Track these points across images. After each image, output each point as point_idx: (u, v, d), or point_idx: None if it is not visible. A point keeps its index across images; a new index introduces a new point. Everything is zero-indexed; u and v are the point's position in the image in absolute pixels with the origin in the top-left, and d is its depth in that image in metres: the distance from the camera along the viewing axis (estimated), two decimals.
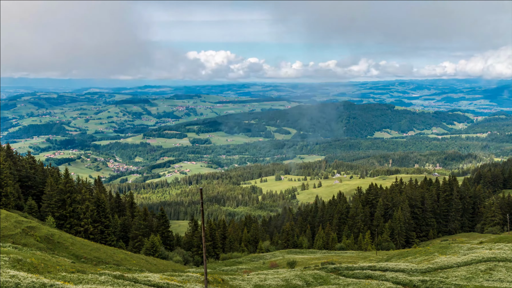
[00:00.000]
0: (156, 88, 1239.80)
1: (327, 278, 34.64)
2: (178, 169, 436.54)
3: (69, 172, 70.49)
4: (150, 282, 25.49)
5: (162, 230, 78.86)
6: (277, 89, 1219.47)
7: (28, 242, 37.34)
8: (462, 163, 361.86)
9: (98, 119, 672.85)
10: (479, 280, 30.80)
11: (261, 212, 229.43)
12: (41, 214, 63.64)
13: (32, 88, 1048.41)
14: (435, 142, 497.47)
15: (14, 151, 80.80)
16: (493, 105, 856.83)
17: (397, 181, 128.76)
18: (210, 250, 79.78)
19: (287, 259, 63.66)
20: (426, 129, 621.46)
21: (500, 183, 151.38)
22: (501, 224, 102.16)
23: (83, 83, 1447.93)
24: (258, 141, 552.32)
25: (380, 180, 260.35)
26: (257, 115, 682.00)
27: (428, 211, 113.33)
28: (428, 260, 40.63)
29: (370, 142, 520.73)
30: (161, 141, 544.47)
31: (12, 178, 64.70)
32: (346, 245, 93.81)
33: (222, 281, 32.06)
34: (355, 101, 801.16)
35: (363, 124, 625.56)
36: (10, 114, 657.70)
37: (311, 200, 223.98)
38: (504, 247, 41.83)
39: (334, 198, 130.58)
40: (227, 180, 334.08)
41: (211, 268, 57.60)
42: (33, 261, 24.03)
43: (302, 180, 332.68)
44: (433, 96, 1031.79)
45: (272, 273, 38.50)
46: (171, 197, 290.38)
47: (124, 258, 46.04)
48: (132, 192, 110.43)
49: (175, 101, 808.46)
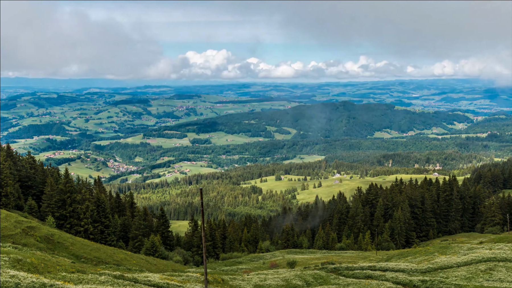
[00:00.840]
0: (156, 88, 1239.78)
1: (327, 278, 34.64)
2: (178, 169, 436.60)
3: (69, 172, 70.47)
4: (150, 282, 25.48)
5: (162, 230, 78.87)
6: (277, 89, 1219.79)
7: (28, 242, 37.33)
8: (462, 163, 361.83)
9: (98, 119, 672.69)
10: (479, 280, 30.80)
11: (261, 212, 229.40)
12: (41, 214, 63.64)
13: (32, 88, 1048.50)
14: (435, 142, 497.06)
15: (14, 151, 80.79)
16: (493, 105, 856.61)
17: (397, 181, 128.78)
18: (210, 250, 79.77)
19: (287, 259, 63.65)
20: (426, 129, 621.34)
21: (500, 183, 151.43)
22: (501, 224, 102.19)
23: (83, 83, 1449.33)
24: (258, 141, 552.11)
25: (380, 180, 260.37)
26: (257, 115, 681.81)
27: (428, 211, 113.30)
28: (428, 260, 40.62)
29: (370, 142, 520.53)
30: (161, 141, 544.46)
31: (12, 178, 64.69)
32: (346, 245, 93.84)
33: (222, 281, 32.06)
34: (355, 101, 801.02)
35: (363, 124, 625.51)
36: (10, 114, 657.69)
37: (311, 200, 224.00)
38: (504, 247, 41.83)
39: (334, 198, 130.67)
40: (227, 180, 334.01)
41: (211, 268, 57.60)
42: (33, 261, 24.02)
43: (302, 180, 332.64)
44: (433, 96, 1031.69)
45: (272, 273, 38.50)
46: (171, 197, 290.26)
47: (124, 258, 46.04)
48: (132, 192, 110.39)
49: (175, 101, 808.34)
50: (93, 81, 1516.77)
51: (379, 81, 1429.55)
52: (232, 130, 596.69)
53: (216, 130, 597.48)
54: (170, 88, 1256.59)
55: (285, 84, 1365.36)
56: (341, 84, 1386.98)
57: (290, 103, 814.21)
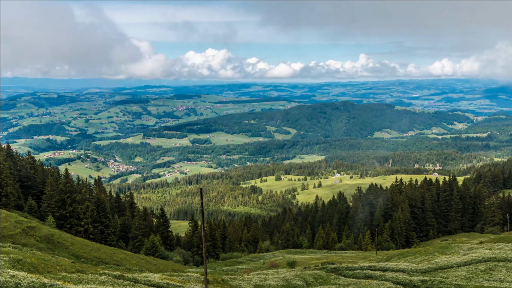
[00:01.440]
0: (156, 88, 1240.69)
1: (327, 278, 34.64)
2: (178, 169, 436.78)
3: (69, 172, 70.46)
4: (150, 282, 25.48)
5: (162, 230, 78.84)
6: (277, 89, 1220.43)
7: (28, 242, 37.34)
8: (462, 163, 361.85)
9: (98, 119, 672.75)
10: (479, 280, 30.80)
11: (261, 212, 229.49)
12: (41, 214, 63.66)
13: (32, 88, 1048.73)
14: (435, 142, 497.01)
15: (14, 151, 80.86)
16: (493, 105, 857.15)
17: (397, 181, 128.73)
18: (210, 250, 79.76)
19: (287, 259, 63.64)
20: (426, 129, 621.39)
21: (500, 183, 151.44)
22: (501, 224, 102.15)
23: (83, 83, 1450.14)
24: (258, 141, 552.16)
25: (380, 180, 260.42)
26: (257, 115, 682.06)
27: (428, 211, 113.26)
28: (428, 260, 40.62)
29: (370, 142, 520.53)
30: (161, 141, 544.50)
31: (12, 178, 64.72)
32: (346, 245, 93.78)
33: (222, 281, 32.06)
34: (355, 101, 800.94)
35: (363, 124, 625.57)
36: (10, 114, 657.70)
37: (311, 200, 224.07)
38: (504, 247, 41.83)
39: (334, 198, 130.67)
40: (227, 180, 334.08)
41: (211, 268, 57.60)
42: (33, 261, 24.02)
43: (302, 180, 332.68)
44: (433, 96, 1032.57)
45: (272, 273, 38.49)
46: (171, 197, 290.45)
47: (124, 258, 46.04)
48: (132, 192, 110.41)
49: (175, 101, 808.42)
50: (93, 81, 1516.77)
51: (379, 81, 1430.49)
52: (232, 130, 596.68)
53: (216, 130, 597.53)
54: (170, 88, 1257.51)
55: (285, 84, 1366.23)
56: (341, 84, 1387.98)
57: (290, 103, 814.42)
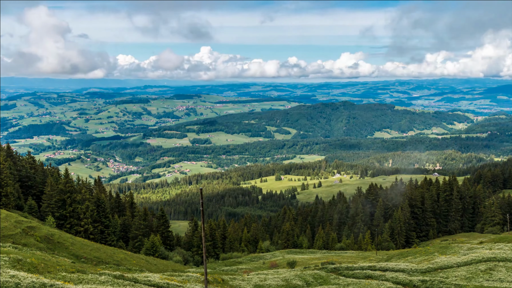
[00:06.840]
0: (156, 88, 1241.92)
1: (327, 278, 34.63)
2: (178, 169, 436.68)
3: (69, 172, 70.48)
4: (150, 282, 25.48)
5: (162, 230, 78.82)
6: (277, 89, 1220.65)
7: (28, 242, 37.33)
8: (462, 163, 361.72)
9: (98, 119, 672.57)
10: (479, 280, 30.80)
11: (261, 212, 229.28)
12: (41, 214, 63.63)
13: (32, 88, 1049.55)
14: (435, 142, 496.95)
15: (14, 151, 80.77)
16: (493, 105, 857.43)
17: (397, 181, 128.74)
18: (210, 250, 79.77)
19: (287, 259, 63.64)
20: (426, 129, 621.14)
21: (500, 183, 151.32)
22: (501, 224, 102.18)
23: (83, 83, 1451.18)
24: (258, 141, 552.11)
25: (380, 180, 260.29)
26: (257, 115, 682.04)
27: (428, 211, 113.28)
28: (428, 260, 40.62)
29: (370, 142, 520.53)
30: (161, 141, 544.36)
31: (12, 178, 64.70)
32: (346, 245, 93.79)
33: (222, 281, 32.06)
34: (355, 101, 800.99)
35: (363, 124, 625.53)
36: (10, 114, 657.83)
37: (311, 200, 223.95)
38: (504, 247, 41.84)
39: (334, 198, 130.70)
40: (227, 180, 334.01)
41: (211, 268, 57.59)
42: (33, 261, 24.02)
43: (302, 180, 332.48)
44: (433, 96, 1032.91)
45: (272, 273, 38.49)
46: (171, 197, 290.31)
47: (124, 258, 46.04)
48: (132, 192, 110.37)
49: (175, 101, 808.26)
50: (93, 81, 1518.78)
51: (379, 81, 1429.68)
52: (232, 130, 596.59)
53: (216, 130, 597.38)
54: (170, 88, 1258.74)
55: (285, 84, 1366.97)
56: (341, 84, 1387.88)
57: (290, 103, 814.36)
